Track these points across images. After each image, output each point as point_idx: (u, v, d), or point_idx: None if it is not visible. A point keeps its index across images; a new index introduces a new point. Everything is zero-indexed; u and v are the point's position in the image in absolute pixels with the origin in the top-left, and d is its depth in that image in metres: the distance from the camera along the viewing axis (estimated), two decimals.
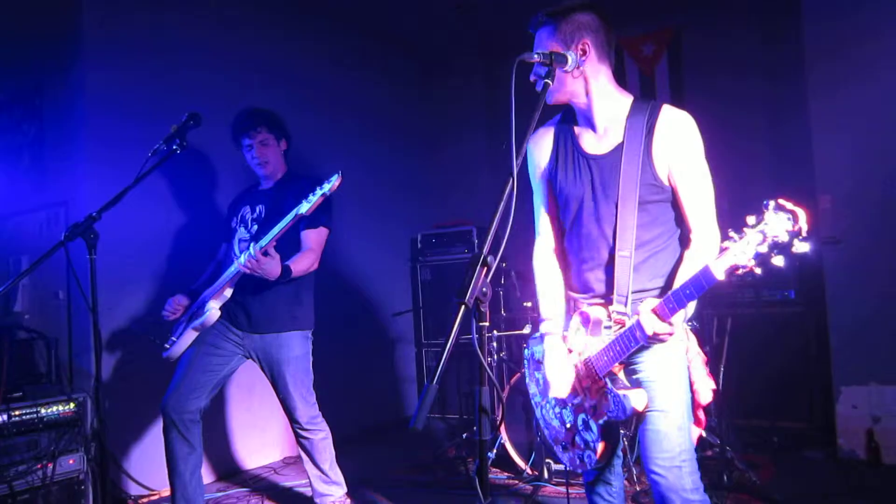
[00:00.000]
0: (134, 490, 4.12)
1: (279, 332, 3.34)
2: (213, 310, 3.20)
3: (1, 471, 3.31)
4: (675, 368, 2.09)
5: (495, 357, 4.53)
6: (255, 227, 3.40)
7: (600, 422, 2.09)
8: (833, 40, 4.25)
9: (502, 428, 4.13)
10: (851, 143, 4.20)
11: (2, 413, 3.37)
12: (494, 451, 4.18)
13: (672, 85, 5.58)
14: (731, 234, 1.66)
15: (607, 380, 2.05)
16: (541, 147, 2.30)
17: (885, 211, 4.10)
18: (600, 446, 2.11)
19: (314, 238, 3.33)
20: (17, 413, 3.42)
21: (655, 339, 1.90)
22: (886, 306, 4.08)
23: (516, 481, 4.08)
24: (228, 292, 3.25)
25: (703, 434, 3.76)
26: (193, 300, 3.41)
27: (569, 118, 2.27)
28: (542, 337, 2.29)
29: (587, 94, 2.14)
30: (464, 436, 4.67)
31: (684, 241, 2.12)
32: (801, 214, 1.55)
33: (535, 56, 1.86)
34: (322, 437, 3.44)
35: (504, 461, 4.19)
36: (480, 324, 1.54)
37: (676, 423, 2.05)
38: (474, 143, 6.55)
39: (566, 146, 2.24)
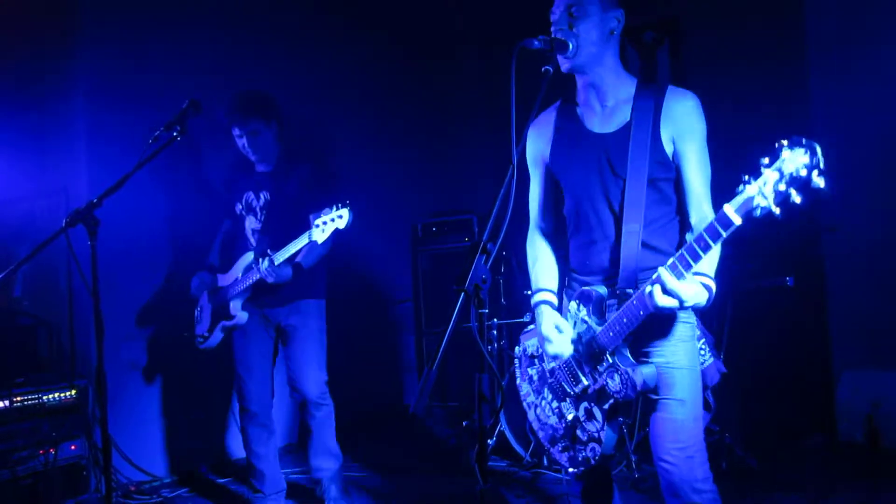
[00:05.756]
0: (136, 476, 4.13)
1: (300, 300, 3.51)
2: (240, 313, 3.42)
3: (3, 456, 3.32)
4: (690, 355, 2.05)
5: (495, 345, 4.54)
6: (264, 215, 3.51)
7: (605, 406, 2.05)
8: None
9: (502, 416, 4.15)
10: (850, 123, 4.18)
11: (3, 399, 3.38)
12: (494, 438, 4.20)
13: (674, 75, 5.55)
14: (746, 177, 1.61)
15: (613, 357, 2.01)
16: (540, 132, 2.28)
17: (885, 196, 4.08)
18: (605, 435, 2.06)
19: None
20: (18, 399, 3.44)
21: (662, 308, 1.84)
22: (885, 292, 4.07)
23: (516, 469, 4.10)
24: (248, 291, 3.42)
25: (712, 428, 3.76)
26: (212, 273, 3.63)
27: (569, 102, 2.25)
28: (536, 304, 2.25)
29: (603, 65, 2.11)
30: (464, 423, 4.68)
31: (685, 224, 2.11)
32: (818, 147, 1.53)
33: (537, 42, 1.85)
34: (328, 412, 3.58)
35: (504, 449, 4.21)
36: (479, 310, 1.54)
37: (693, 413, 2.02)
38: (475, 132, 6.52)
39: (569, 128, 2.21)
